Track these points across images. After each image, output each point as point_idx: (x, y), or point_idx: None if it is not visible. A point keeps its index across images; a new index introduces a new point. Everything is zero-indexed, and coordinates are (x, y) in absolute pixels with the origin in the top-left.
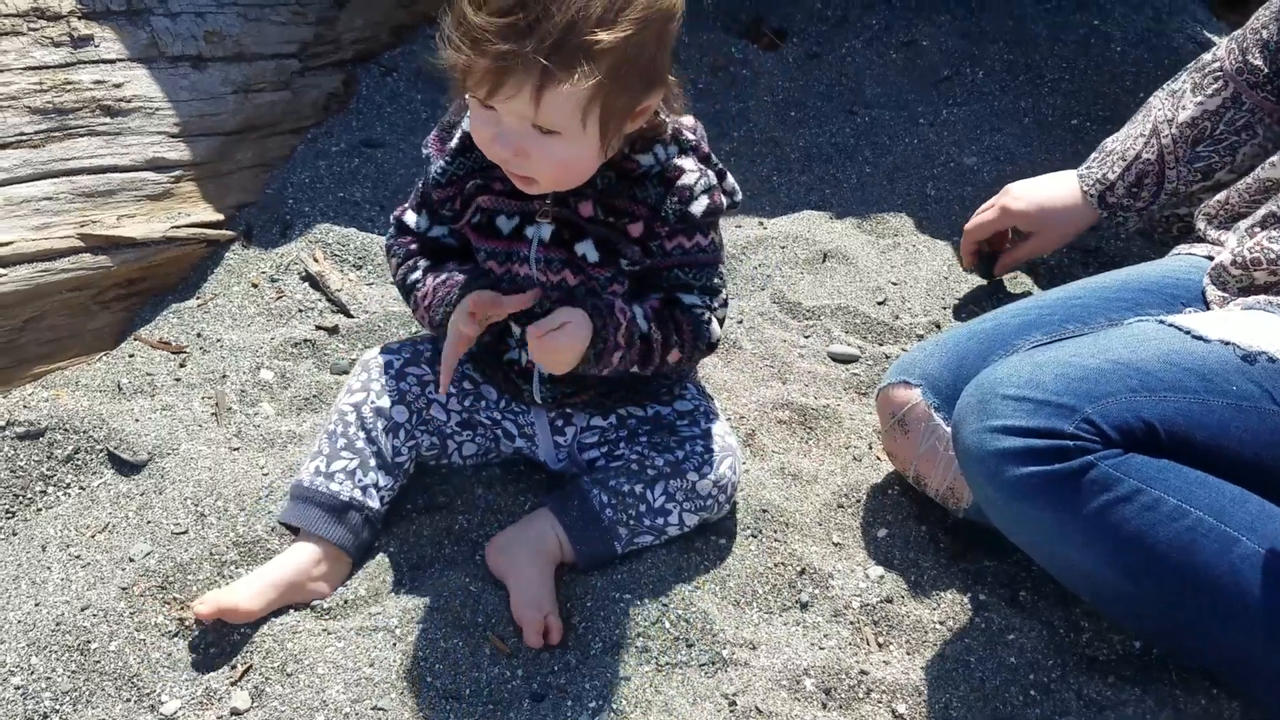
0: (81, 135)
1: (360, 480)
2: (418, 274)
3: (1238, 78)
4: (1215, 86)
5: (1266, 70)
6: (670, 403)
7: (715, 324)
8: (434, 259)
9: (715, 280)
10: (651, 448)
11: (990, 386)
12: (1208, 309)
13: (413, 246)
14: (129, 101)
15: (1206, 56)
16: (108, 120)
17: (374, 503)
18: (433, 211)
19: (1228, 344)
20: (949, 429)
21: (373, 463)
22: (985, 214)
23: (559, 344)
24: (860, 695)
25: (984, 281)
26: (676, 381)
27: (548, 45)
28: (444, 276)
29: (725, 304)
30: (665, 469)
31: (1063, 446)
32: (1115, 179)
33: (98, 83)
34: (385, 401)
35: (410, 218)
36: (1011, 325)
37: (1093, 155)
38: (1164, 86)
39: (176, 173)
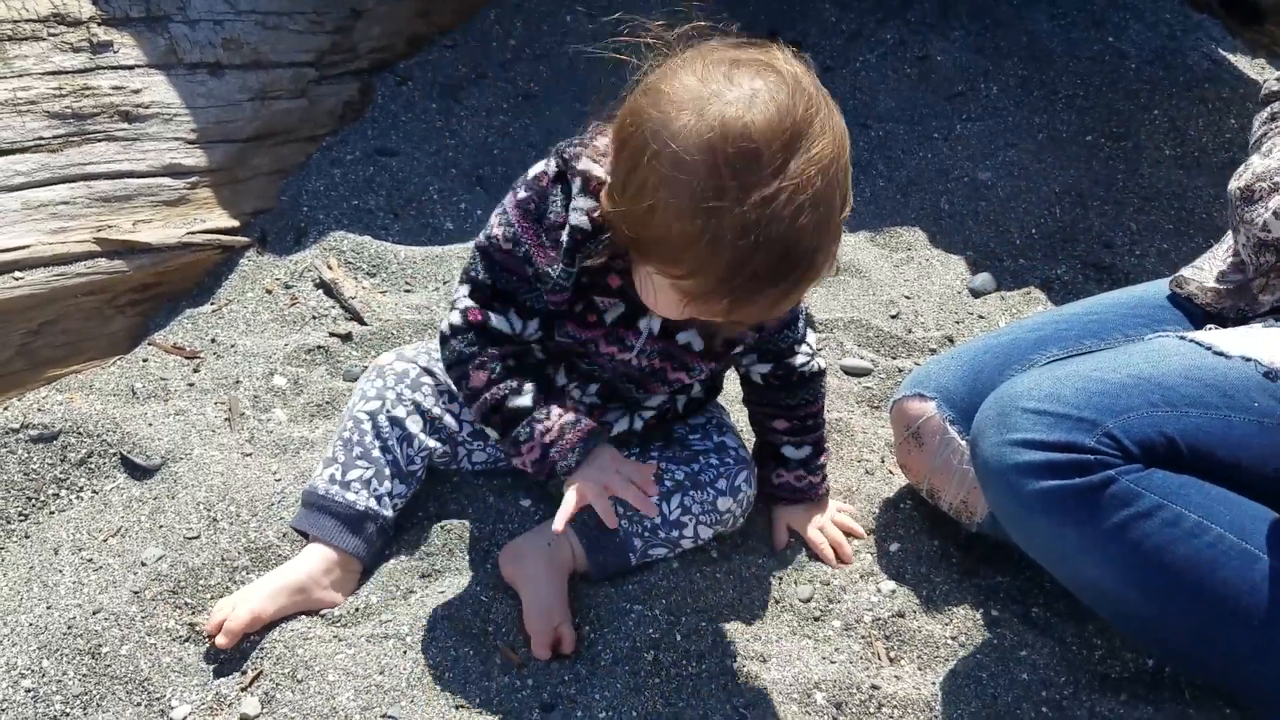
0: (99, 140)
1: (375, 490)
2: (525, 400)
3: None
4: None
5: None
6: (686, 416)
7: (819, 359)
8: (519, 361)
9: (803, 322)
10: (667, 460)
11: (1010, 400)
12: (1225, 325)
13: (508, 359)
14: (147, 107)
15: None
16: (125, 126)
17: (388, 511)
18: (521, 307)
19: (1249, 360)
20: (964, 442)
21: (388, 471)
22: None
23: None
24: (871, 710)
25: (992, 293)
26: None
27: (798, 290)
28: (567, 417)
29: (811, 324)
30: (684, 481)
31: (1084, 461)
32: None
33: (116, 88)
34: (400, 411)
35: (497, 321)
36: (1028, 340)
37: None
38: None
39: (193, 179)
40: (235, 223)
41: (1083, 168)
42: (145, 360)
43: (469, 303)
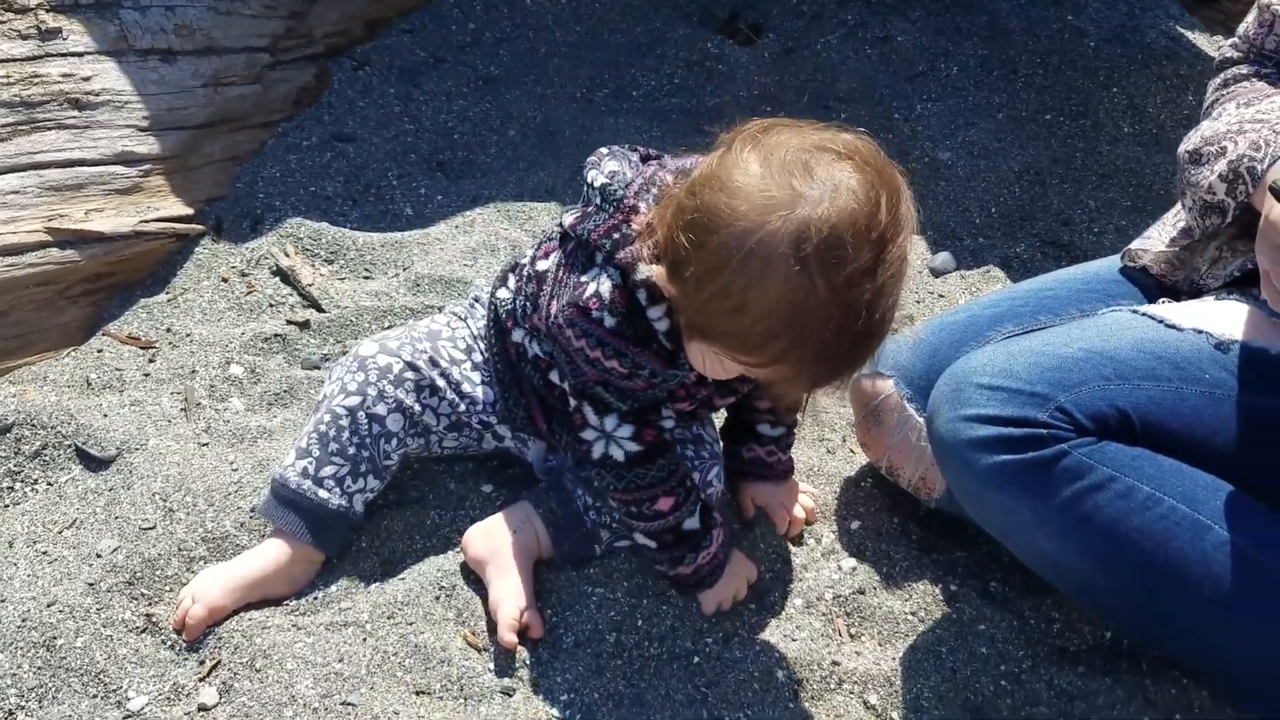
0: (49, 129)
1: (349, 487)
2: (695, 522)
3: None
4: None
5: None
6: None
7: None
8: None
9: None
10: None
11: (964, 376)
12: (1179, 299)
13: (686, 480)
14: (97, 95)
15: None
16: (76, 113)
17: (359, 507)
18: (662, 403)
19: (1201, 332)
20: (922, 420)
21: (363, 468)
22: None
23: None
24: (832, 686)
25: (952, 272)
26: None
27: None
28: (721, 538)
29: None
30: None
31: (1036, 435)
32: None
33: (65, 75)
34: (381, 409)
35: (667, 424)
36: (984, 317)
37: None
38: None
39: (145, 166)
40: (189, 210)
41: (1042, 146)
42: (100, 351)
43: (631, 428)
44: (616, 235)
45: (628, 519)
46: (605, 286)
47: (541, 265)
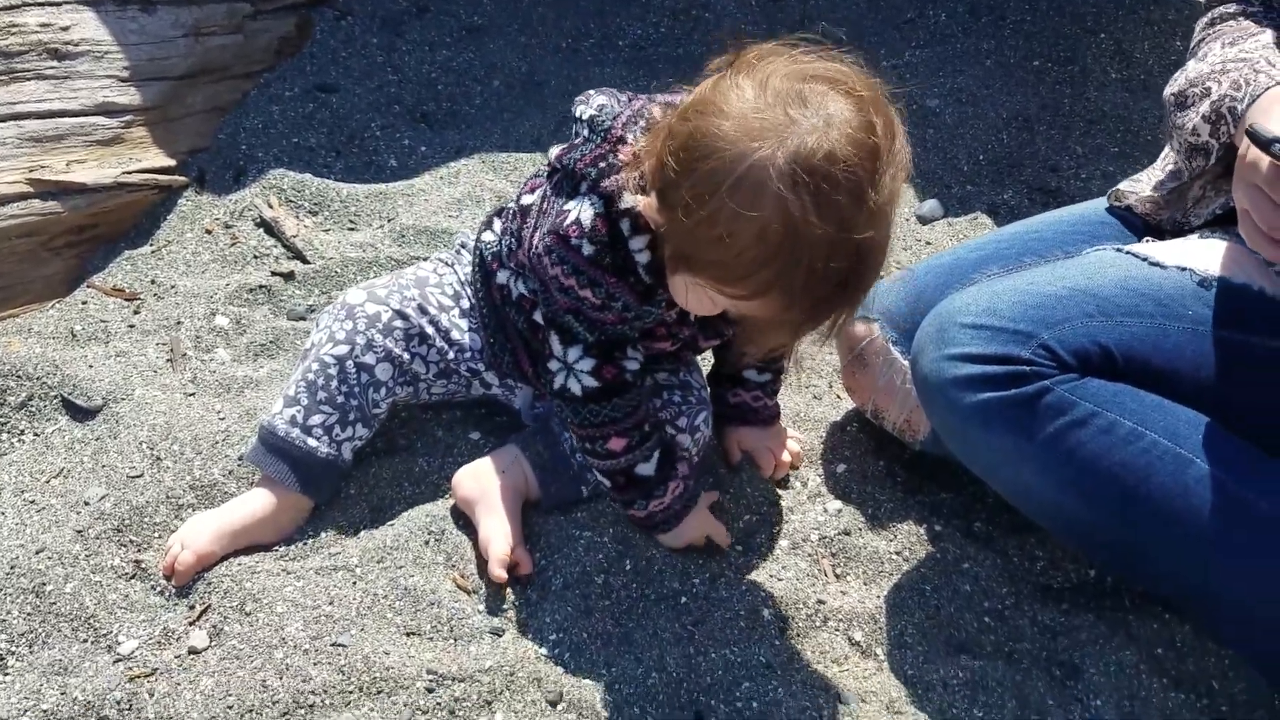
0: (28, 79)
1: (337, 436)
2: (649, 469)
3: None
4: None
5: None
6: None
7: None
8: (652, 425)
9: None
10: None
11: (948, 315)
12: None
13: (644, 425)
14: (76, 45)
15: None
16: (55, 64)
17: (348, 455)
18: (633, 344)
19: (1184, 270)
20: (907, 362)
21: (351, 417)
22: None
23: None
24: (817, 624)
25: (939, 220)
26: None
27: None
28: (678, 491)
29: None
30: None
31: (1019, 372)
32: None
33: (44, 25)
34: (370, 358)
35: (630, 364)
36: (969, 259)
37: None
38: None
39: (127, 118)
40: (172, 162)
41: (1030, 93)
42: (84, 303)
43: (592, 362)
44: (602, 164)
45: (585, 454)
46: (587, 214)
47: (526, 200)
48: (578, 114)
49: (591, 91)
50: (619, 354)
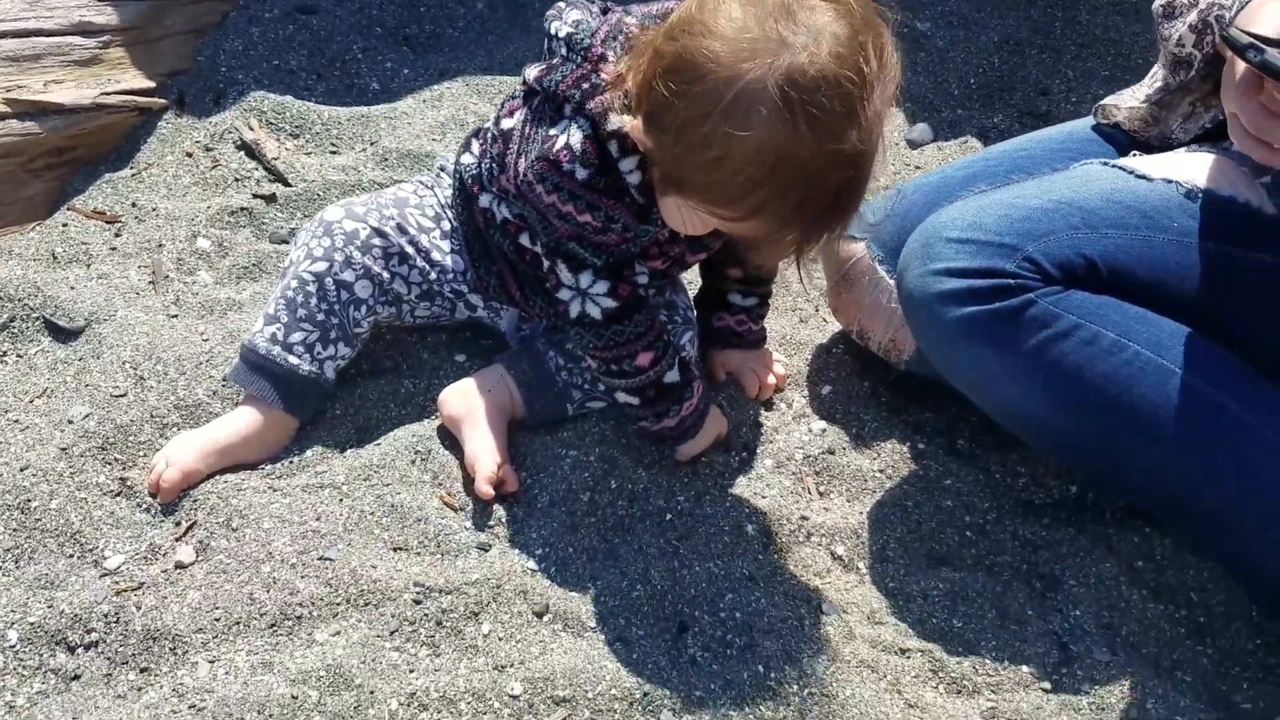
0: None
1: (319, 354)
2: (675, 375)
3: None
4: None
5: None
6: None
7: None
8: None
9: None
10: None
11: (934, 230)
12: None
13: (664, 334)
14: None
15: None
16: None
17: (330, 374)
18: (636, 258)
19: (1170, 182)
20: (893, 282)
21: (333, 335)
22: None
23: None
24: (800, 539)
25: (929, 144)
26: None
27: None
28: (701, 389)
29: None
30: None
31: (1003, 285)
32: None
33: None
34: (349, 275)
35: (642, 279)
36: (957, 178)
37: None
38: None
39: (104, 38)
40: (151, 84)
41: (1021, 16)
42: (65, 225)
43: (606, 284)
44: (586, 85)
45: (608, 377)
46: (576, 138)
47: (506, 124)
48: (552, 30)
49: (563, 4)
50: (628, 271)
